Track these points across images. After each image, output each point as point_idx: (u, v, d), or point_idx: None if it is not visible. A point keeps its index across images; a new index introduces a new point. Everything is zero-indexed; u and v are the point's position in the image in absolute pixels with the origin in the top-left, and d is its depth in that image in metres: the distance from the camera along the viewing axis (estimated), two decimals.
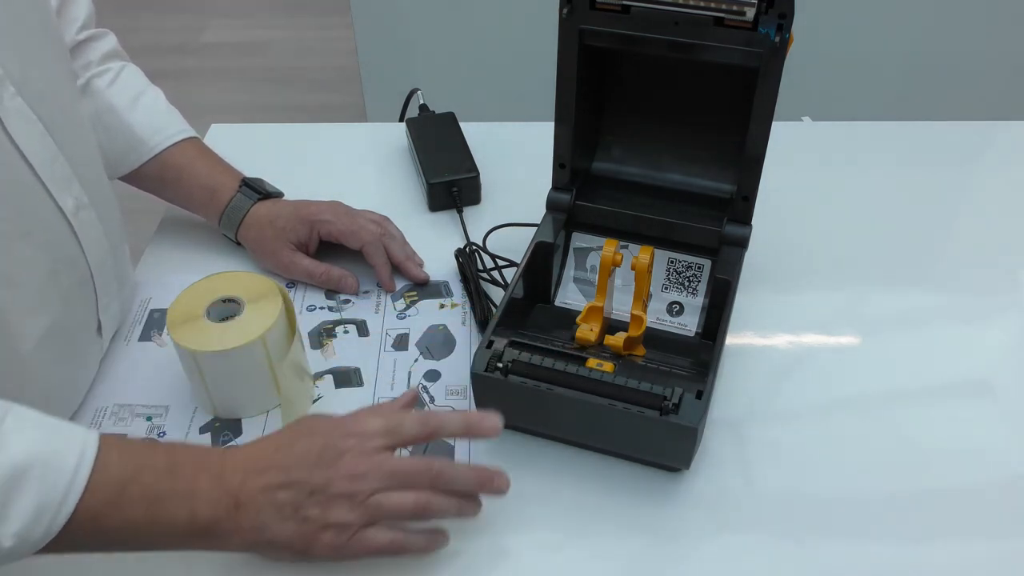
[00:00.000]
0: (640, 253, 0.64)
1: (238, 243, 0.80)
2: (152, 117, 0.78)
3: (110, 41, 0.79)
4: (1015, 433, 0.66)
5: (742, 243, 0.69)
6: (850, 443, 0.65)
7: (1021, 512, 0.61)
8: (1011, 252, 0.83)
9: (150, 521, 0.48)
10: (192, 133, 0.81)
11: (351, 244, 0.77)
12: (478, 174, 0.86)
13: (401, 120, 0.97)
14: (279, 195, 0.81)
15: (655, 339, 0.68)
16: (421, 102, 0.98)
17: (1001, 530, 0.60)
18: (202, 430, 0.65)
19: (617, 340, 0.65)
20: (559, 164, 0.72)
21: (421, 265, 0.79)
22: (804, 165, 0.92)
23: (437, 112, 0.95)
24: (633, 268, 0.64)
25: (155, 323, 0.74)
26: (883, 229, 0.85)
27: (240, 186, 0.79)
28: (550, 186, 0.73)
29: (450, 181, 0.85)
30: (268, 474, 0.51)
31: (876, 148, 0.97)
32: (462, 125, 0.92)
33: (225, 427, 0.66)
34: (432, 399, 0.68)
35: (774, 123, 0.64)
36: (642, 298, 0.64)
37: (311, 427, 0.54)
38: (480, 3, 1.59)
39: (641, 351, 0.66)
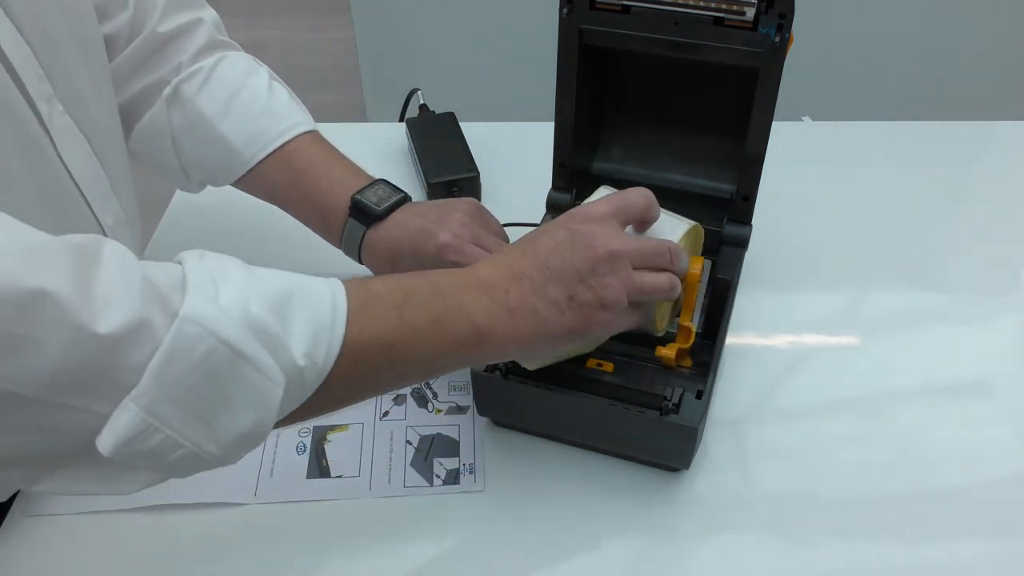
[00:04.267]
0: (692, 263, 0.61)
1: None
2: (246, 123, 0.69)
3: (204, 31, 0.70)
4: (1015, 433, 0.66)
5: (742, 243, 0.69)
6: (850, 443, 0.65)
7: (1021, 512, 0.61)
8: (1011, 252, 0.83)
9: (437, 335, 0.48)
10: (297, 130, 0.70)
11: None
12: (478, 174, 0.86)
13: (401, 120, 0.97)
14: (396, 205, 0.68)
15: (655, 339, 0.68)
16: (421, 102, 0.98)
17: (1001, 530, 0.60)
18: None
19: (670, 351, 0.62)
20: (559, 164, 0.72)
21: None
22: (804, 165, 0.92)
23: (437, 112, 0.95)
24: (684, 280, 0.61)
25: None
26: (883, 229, 0.85)
27: (350, 210, 0.67)
28: (550, 186, 0.73)
29: (450, 181, 0.85)
30: (531, 275, 0.51)
31: (876, 148, 0.97)
32: (462, 125, 0.92)
33: None
34: (435, 395, 0.68)
35: (774, 123, 0.64)
36: (691, 308, 0.62)
37: (540, 229, 0.54)
38: (480, 3, 1.59)
39: (688, 362, 0.64)
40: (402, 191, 0.68)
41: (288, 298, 0.43)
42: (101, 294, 0.37)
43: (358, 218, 0.67)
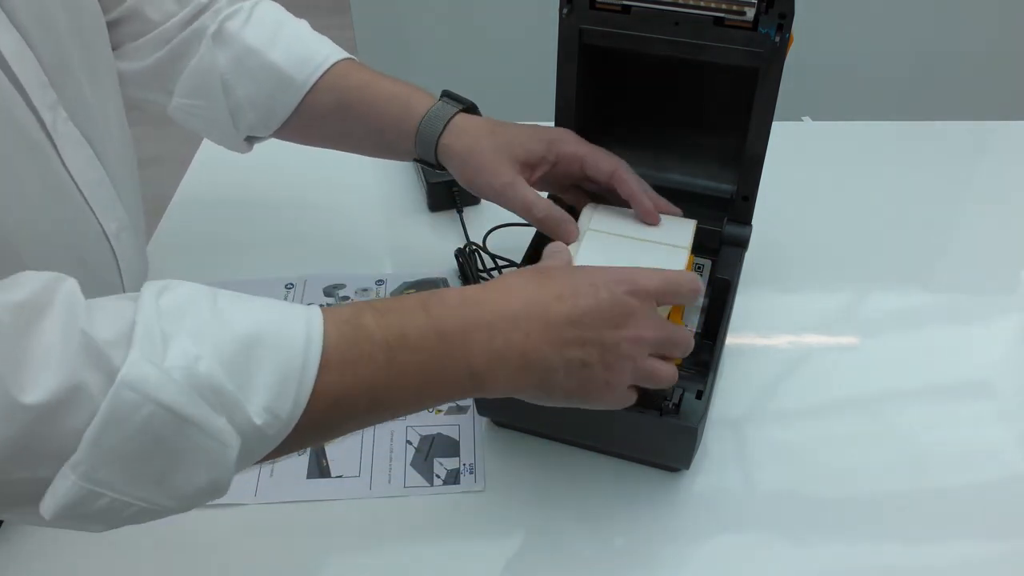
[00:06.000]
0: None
1: (437, 166, 0.69)
2: (297, 48, 0.70)
3: None
4: (1015, 433, 0.66)
5: (742, 243, 0.69)
6: (850, 443, 0.65)
7: (1021, 512, 0.61)
8: (1011, 252, 0.83)
9: (429, 381, 0.46)
10: (341, 55, 0.71)
11: (598, 171, 0.66)
12: None
13: None
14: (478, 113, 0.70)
15: None
16: None
17: (1001, 530, 0.60)
18: None
19: None
20: None
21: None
22: (804, 165, 0.92)
23: None
24: None
25: None
26: (883, 229, 0.85)
27: (440, 96, 0.69)
28: None
29: (450, 181, 0.84)
30: (559, 329, 0.48)
31: (876, 148, 0.97)
32: None
33: None
34: None
35: (774, 123, 0.64)
36: (680, 308, 0.62)
37: (587, 277, 0.51)
38: (480, 3, 1.59)
39: (677, 361, 0.65)
40: None
41: (253, 343, 0.41)
42: (35, 360, 0.36)
43: (448, 101, 0.68)
